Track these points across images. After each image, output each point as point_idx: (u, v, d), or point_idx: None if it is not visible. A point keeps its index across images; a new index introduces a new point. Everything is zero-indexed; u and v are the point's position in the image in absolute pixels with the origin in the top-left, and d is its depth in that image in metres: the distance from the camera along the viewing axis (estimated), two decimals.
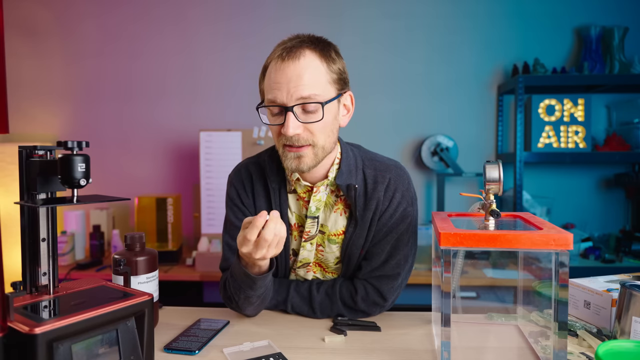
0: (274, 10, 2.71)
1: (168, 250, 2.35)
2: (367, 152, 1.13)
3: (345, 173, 1.04)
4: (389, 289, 1.04)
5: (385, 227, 1.05)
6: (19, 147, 0.76)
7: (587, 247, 2.39)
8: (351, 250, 1.07)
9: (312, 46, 0.96)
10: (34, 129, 2.76)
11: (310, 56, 0.95)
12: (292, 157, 0.98)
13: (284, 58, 0.94)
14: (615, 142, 2.49)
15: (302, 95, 0.93)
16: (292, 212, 1.10)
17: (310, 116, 0.95)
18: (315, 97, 0.94)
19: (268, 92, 0.97)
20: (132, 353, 0.72)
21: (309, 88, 0.93)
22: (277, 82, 0.94)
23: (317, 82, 0.94)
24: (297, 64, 0.93)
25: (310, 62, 0.94)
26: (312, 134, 0.96)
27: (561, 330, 0.71)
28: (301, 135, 0.96)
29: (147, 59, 2.74)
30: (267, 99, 0.97)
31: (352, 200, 1.03)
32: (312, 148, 0.98)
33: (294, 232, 1.11)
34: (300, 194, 1.08)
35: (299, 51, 0.94)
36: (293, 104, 0.93)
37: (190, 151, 2.73)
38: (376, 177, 1.06)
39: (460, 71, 2.69)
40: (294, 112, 0.94)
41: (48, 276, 0.77)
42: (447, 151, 2.56)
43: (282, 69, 0.94)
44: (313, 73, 0.94)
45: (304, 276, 1.14)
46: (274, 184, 1.08)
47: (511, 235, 0.72)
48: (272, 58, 0.97)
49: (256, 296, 0.99)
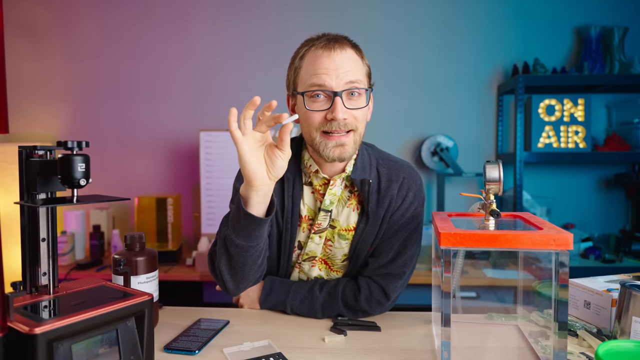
0: (274, 11, 2.71)
1: (168, 250, 2.35)
2: (381, 151, 1.16)
3: (360, 169, 1.06)
4: (393, 288, 1.04)
5: (396, 225, 1.06)
6: (19, 147, 0.76)
7: (587, 247, 2.39)
8: (360, 246, 1.07)
9: (349, 43, 1.03)
10: (34, 129, 2.76)
11: (350, 51, 1.01)
12: (333, 145, 1.00)
13: (331, 47, 0.99)
14: (615, 142, 2.49)
15: (350, 79, 0.98)
16: (304, 204, 1.11)
17: (355, 102, 1.00)
18: (360, 82, 1.00)
19: (312, 77, 0.99)
20: (132, 353, 0.72)
21: (355, 74, 0.99)
22: (326, 68, 0.98)
23: (359, 70, 1.02)
24: (343, 53, 0.99)
25: (352, 53, 1.01)
26: (356, 119, 1.01)
27: (561, 330, 0.71)
28: (347, 121, 0.99)
29: (147, 59, 2.74)
30: (312, 84, 0.99)
31: (365, 196, 1.04)
32: (354, 134, 1.01)
33: (303, 224, 1.11)
34: (317, 186, 1.09)
35: (342, 43, 1.01)
36: (342, 88, 0.98)
37: (190, 151, 2.73)
38: (390, 175, 1.07)
39: (460, 71, 2.69)
40: (341, 97, 0.97)
41: (48, 276, 0.77)
42: (447, 151, 2.56)
43: (330, 56, 0.98)
44: (355, 62, 1.01)
45: (308, 271, 1.14)
46: (289, 174, 1.09)
47: (511, 235, 0.72)
48: (313, 48, 1.01)
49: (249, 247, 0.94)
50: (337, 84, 0.97)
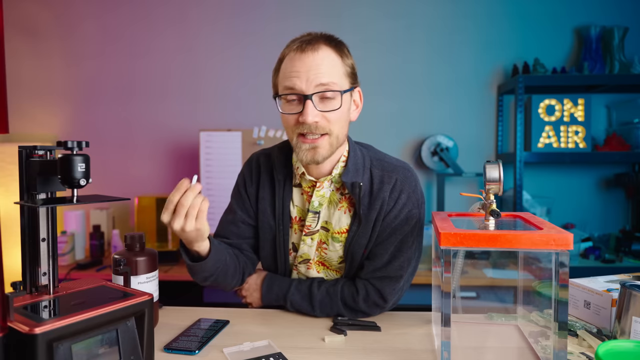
0: (274, 10, 2.71)
1: (168, 250, 2.35)
2: (377, 152, 1.14)
3: (352, 171, 1.05)
4: (390, 291, 1.04)
5: (389, 227, 1.05)
6: (19, 147, 0.76)
7: (587, 247, 2.39)
8: (354, 248, 1.07)
9: (327, 42, 1.00)
10: (34, 129, 2.76)
11: (327, 49, 0.99)
12: (307, 148, 1.00)
13: (303, 49, 0.97)
14: (615, 142, 2.49)
15: (321, 82, 0.96)
16: (294, 206, 1.11)
17: (328, 104, 0.98)
18: (333, 85, 0.97)
19: (285, 80, 0.99)
20: (132, 353, 0.72)
21: (328, 76, 0.97)
22: (297, 71, 0.97)
23: (334, 72, 0.98)
24: (315, 55, 0.97)
25: (327, 54, 0.99)
26: (329, 122, 0.99)
27: (561, 330, 0.71)
28: (319, 124, 0.98)
29: (147, 59, 2.74)
30: (285, 87, 0.99)
31: (356, 198, 1.04)
32: (328, 137, 1.00)
33: (294, 225, 1.12)
34: (305, 188, 1.10)
35: (316, 44, 0.98)
36: (312, 91, 0.96)
37: (190, 151, 2.73)
38: (383, 177, 1.06)
39: (460, 71, 2.69)
40: (312, 100, 0.96)
41: (48, 276, 0.77)
42: (447, 151, 2.56)
43: (301, 59, 0.97)
44: (330, 64, 0.98)
45: (305, 273, 1.14)
46: (279, 175, 1.10)
47: (511, 235, 0.72)
48: (289, 50, 1.00)
49: (202, 278, 1.04)
50: (307, 87, 0.96)
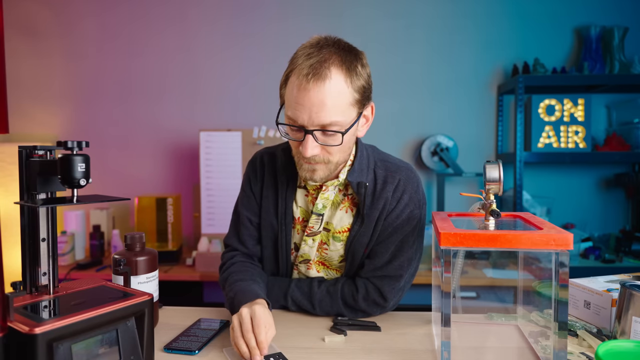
0: (274, 10, 2.71)
1: (168, 250, 2.35)
2: (381, 153, 1.15)
3: (358, 171, 1.05)
4: (390, 290, 1.04)
5: (390, 227, 1.06)
6: (19, 147, 0.76)
7: (587, 247, 2.39)
8: (355, 247, 1.07)
9: (339, 61, 0.92)
10: (34, 129, 2.76)
11: (336, 78, 0.91)
12: (307, 168, 1.00)
13: (309, 79, 0.90)
14: (615, 142, 2.49)
15: (323, 122, 0.91)
16: (297, 206, 1.12)
17: (329, 139, 0.95)
18: (336, 123, 0.92)
19: (289, 108, 0.95)
20: (132, 353, 0.72)
21: (331, 115, 0.91)
22: (300, 104, 0.91)
23: (339, 107, 0.92)
24: (321, 88, 0.89)
25: (334, 85, 0.90)
26: (329, 154, 0.97)
27: (561, 330, 0.71)
28: (318, 155, 0.97)
29: (147, 59, 2.74)
30: (288, 116, 0.96)
31: (361, 198, 1.04)
32: (327, 165, 0.99)
33: (297, 225, 1.12)
34: (310, 190, 1.10)
35: (324, 72, 0.90)
36: (313, 128, 0.92)
37: (190, 151, 2.73)
38: (386, 177, 1.07)
39: (460, 71, 2.69)
40: (313, 135, 0.93)
41: (48, 276, 0.77)
42: (447, 151, 2.56)
43: (306, 90, 0.90)
44: (336, 98, 0.91)
45: (305, 273, 1.14)
46: (283, 176, 1.10)
47: (511, 235, 0.72)
48: (297, 71, 0.93)
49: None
50: (310, 123, 0.92)
